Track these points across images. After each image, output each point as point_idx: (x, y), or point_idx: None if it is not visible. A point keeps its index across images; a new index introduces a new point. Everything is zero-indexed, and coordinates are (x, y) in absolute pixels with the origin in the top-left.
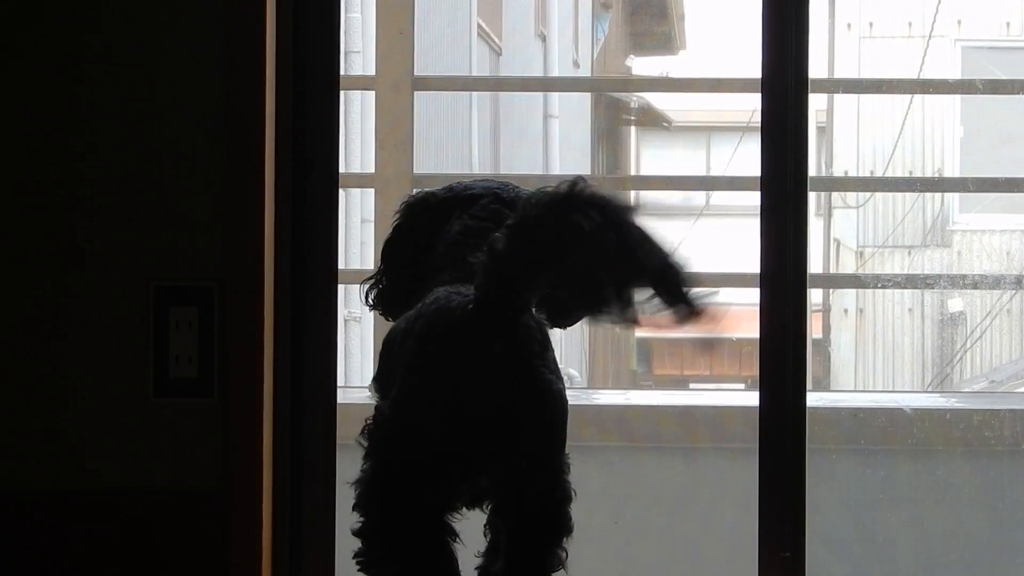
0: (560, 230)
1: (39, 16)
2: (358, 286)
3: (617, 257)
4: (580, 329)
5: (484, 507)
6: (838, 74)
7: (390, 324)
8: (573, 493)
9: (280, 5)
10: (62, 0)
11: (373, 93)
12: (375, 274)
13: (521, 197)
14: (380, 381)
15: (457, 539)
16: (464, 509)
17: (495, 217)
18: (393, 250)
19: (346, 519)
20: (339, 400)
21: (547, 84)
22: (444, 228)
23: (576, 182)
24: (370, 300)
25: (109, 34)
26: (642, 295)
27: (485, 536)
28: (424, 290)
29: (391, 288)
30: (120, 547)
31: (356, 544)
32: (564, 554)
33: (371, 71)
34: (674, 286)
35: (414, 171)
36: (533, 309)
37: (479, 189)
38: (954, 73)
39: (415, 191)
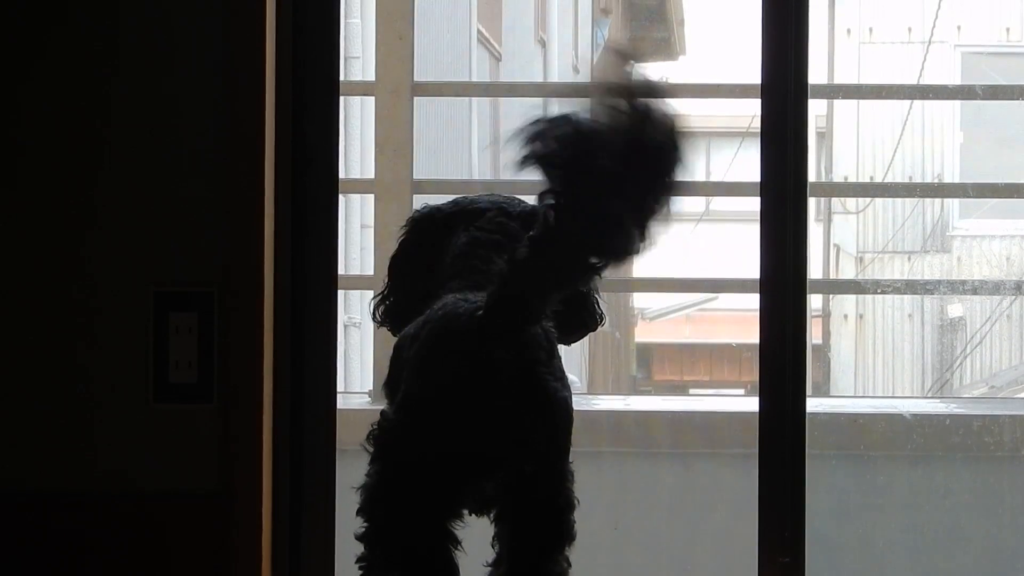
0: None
1: (42, 26)
2: (360, 295)
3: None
4: None
5: (490, 516)
6: (838, 79)
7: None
8: (576, 501)
9: (280, 11)
10: (69, 9)
11: (372, 99)
12: (382, 290)
13: (527, 211)
14: (390, 386)
15: (459, 546)
16: (471, 515)
17: (502, 230)
18: (400, 265)
19: (346, 524)
20: (339, 405)
21: (547, 90)
22: (450, 242)
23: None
24: (378, 317)
25: (112, 43)
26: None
27: (493, 547)
28: (430, 298)
29: (398, 304)
30: (120, 551)
31: (356, 549)
32: (567, 563)
33: (371, 76)
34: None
35: (414, 176)
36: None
37: (484, 203)
38: (954, 79)
39: (420, 206)
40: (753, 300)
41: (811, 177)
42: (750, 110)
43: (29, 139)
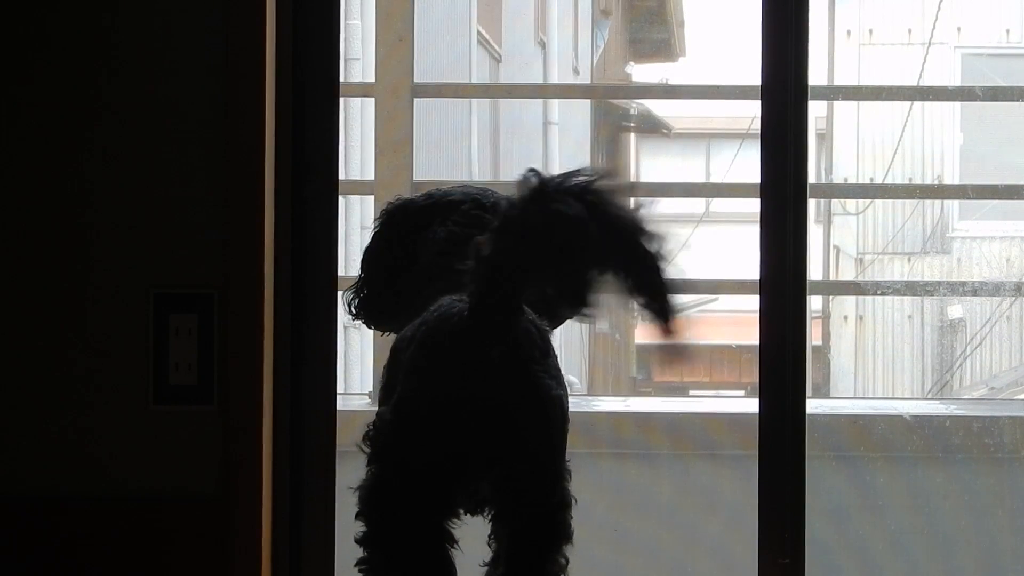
0: (543, 223)
1: (40, 28)
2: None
3: (601, 247)
4: (580, 335)
5: (486, 514)
6: (838, 81)
7: (378, 330)
8: (573, 500)
9: (280, 12)
10: (67, 10)
11: (373, 100)
12: (356, 283)
13: (502, 202)
14: (385, 390)
15: (456, 545)
16: (466, 515)
17: (478, 223)
18: (374, 258)
19: (346, 526)
20: (339, 407)
21: (546, 91)
22: (425, 235)
23: (547, 176)
24: (353, 309)
25: (111, 45)
26: (626, 297)
27: (489, 546)
28: (413, 298)
29: (374, 296)
30: (119, 553)
31: (357, 551)
32: (564, 561)
33: (370, 78)
34: (657, 295)
35: (414, 178)
36: (528, 310)
37: (459, 195)
38: (954, 80)
39: (394, 197)
40: (753, 301)
41: (811, 178)
42: (750, 111)
43: (27, 140)
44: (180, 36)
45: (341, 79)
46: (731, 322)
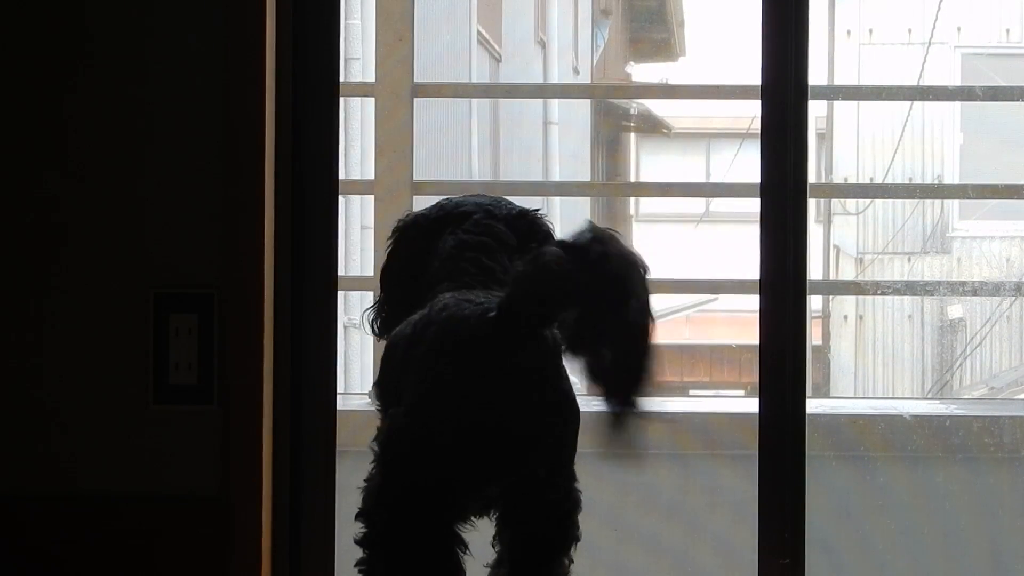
0: (617, 275)
1: (35, 25)
2: (360, 297)
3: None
4: None
5: (491, 516)
6: (838, 81)
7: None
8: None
9: (280, 12)
10: (60, 5)
11: (372, 100)
12: (377, 302)
13: (513, 213)
14: (382, 387)
15: (467, 550)
16: (473, 518)
17: (489, 232)
18: (391, 277)
19: (346, 527)
20: (339, 407)
21: (547, 91)
22: (436, 245)
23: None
24: (375, 329)
25: (109, 43)
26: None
27: (493, 547)
28: (421, 303)
29: (393, 313)
30: (119, 554)
31: (356, 551)
32: (569, 562)
33: (370, 78)
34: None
35: (414, 178)
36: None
37: (470, 206)
38: (954, 80)
39: (404, 214)
40: (753, 301)
41: (811, 178)
42: (750, 111)
43: (27, 141)
44: (180, 36)
45: (341, 79)
46: (731, 322)
